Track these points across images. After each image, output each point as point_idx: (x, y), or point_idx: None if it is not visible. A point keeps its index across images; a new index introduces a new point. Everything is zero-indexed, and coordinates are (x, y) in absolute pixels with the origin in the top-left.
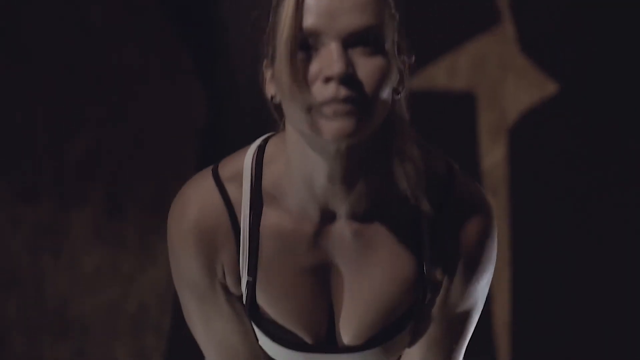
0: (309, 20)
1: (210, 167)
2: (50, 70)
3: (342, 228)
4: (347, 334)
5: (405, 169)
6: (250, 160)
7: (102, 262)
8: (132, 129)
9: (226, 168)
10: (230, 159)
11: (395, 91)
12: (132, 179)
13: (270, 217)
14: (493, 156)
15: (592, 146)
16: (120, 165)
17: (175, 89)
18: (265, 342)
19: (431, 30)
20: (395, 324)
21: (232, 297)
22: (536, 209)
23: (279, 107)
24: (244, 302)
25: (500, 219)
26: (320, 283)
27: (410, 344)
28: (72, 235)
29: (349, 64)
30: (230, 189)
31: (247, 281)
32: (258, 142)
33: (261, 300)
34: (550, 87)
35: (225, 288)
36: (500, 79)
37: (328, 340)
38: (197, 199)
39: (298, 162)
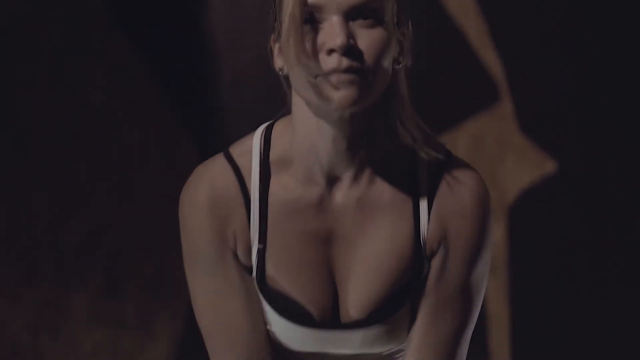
0: None
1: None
2: (49, 150)
3: (346, 196)
4: (350, 304)
5: (407, 128)
6: (259, 137)
7: (102, 341)
8: (132, 209)
9: (236, 147)
10: (239, 140)
11: (396, 61)
12: (132, 258)
13: (278, 185)
14: (493, 236)
15: (593, 226)
16: (120, 245)
17: (175, 170)
18: (273, 320)
19: (430, 109)
20: (396, 296)
21: (242, 270)
22: (536, 289)
23: (287, 79)
24: (255, 271)
25: (499, 299)
26: (325, 251)
27: (410, 327)
28: (72, 314)
29: (350, 36)
30: (240, 161)
31: (258, 249)
32: (265, 124)
33: (270, 269)
34: (549, 166)
35: (236, 258)
36: (500, 158)
37: (333, 315)
38: (208, 171)
39: (304, 129)
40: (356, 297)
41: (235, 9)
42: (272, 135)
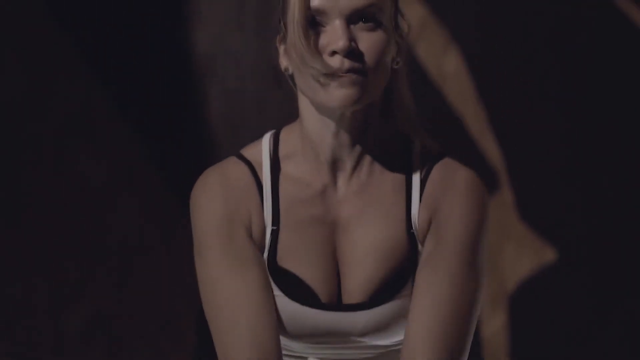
0: (315, 1)
1: None
2: (49, 235)
3: (347, 186)
4: (352, 287)
5: (405, 120)
6: (268, 138)
7: None
8: (132, 298)
9: (246, 148)
10: (249, 145)
11: (394, 61)
12: (132, 347)
13: (287, 176)
14: (493, 324)
15: (594, 314)
16: (120, 334)
17: (175, 255)
18: (280, 304)
19: None
20: (394, 280)
21: (254, 246)
22: None
23: (292, 78)
24: (267, 251)
25: None
26: (329, 235)
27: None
28: None
29: (352, 39)
30: (251, 157)
31: (272, 230)
32: (272, 130)
33: (282, 248)
34: (549, 254)
35: (248, 235)
36: (500, 246)
37: (337, 297)
38: (220, 166)
39: (310, 124)
40: (357, 280)
41: (235, 98)
42: (280, 137)
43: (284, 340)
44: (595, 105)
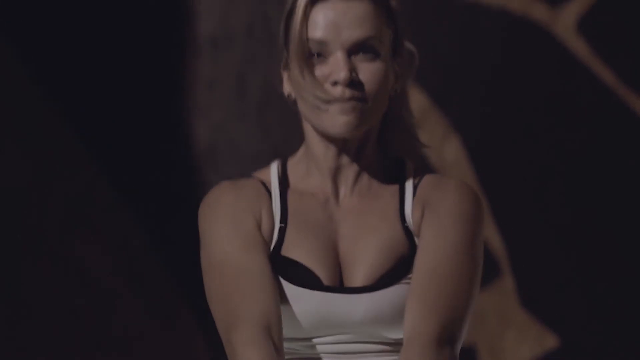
0: (318, 33)
1: None
2: (49, 325)
3: (349, 197)
4: (354, 273)
5: (400, 138)
6: (276, 163)
7: None
8: None
9: (255, 172)
10: (258, 170)
11: (392, 89)
12: None
13: (294, 189)
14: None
15: None
16: None
17: (174, 343)
18: (285, 289)
19: None
20: (395, 268)
21: (262, 236)
22: None
23: (294, 104)
24: (273, 245)
25: None
26: (332, 236)
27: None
28: None
29: (352, 69)
30: (261, 177)
31: (280, 227)
32: (279, 158)
33: (288, 242)
34: (550, 342)
35: (257, 223)
36: (501, 333)
37: (340, 284)
38: (230, 180)
39: (313, 145)
40: (358, 269)
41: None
42: (287, 162)
43: (286, 342)
44: (596, 194)
